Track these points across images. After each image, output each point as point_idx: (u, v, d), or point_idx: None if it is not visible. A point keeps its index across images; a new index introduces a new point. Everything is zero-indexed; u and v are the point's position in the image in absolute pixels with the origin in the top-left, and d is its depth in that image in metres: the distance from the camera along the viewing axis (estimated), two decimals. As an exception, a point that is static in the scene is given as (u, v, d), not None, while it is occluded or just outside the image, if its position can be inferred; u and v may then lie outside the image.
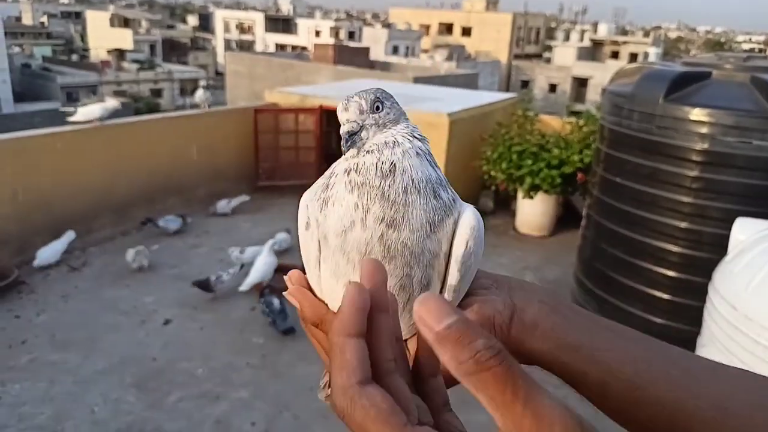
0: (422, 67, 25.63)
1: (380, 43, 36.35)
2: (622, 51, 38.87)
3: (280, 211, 6.77)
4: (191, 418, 3.35)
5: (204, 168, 6.74)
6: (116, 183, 5.88)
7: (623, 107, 3.76)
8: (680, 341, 2.48)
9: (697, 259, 3.49)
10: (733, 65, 3.72)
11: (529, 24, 43.93)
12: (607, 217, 3.98)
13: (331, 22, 49.09)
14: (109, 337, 4.12)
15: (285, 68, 20.25)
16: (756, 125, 3.26)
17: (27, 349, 3.93)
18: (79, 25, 51.92)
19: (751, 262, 2.26)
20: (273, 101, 7.50)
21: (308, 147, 7.34)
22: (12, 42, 37.73)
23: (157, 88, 34.08)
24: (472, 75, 21.86)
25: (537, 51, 44.84)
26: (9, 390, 3.49)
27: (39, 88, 31.01)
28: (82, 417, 3.31)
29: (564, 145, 6.24)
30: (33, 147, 5.26)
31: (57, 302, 4.57)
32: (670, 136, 3.50)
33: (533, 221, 6.52)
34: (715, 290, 2.40)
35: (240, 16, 54.86)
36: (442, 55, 33.34)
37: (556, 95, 36.34)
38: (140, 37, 43.52)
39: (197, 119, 6.70)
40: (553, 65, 38.80)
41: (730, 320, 2.24)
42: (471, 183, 6.96)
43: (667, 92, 3.50)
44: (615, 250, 3.92)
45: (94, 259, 5.35)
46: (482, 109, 7.23)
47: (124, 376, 3.68)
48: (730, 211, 3.16)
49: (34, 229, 5.23)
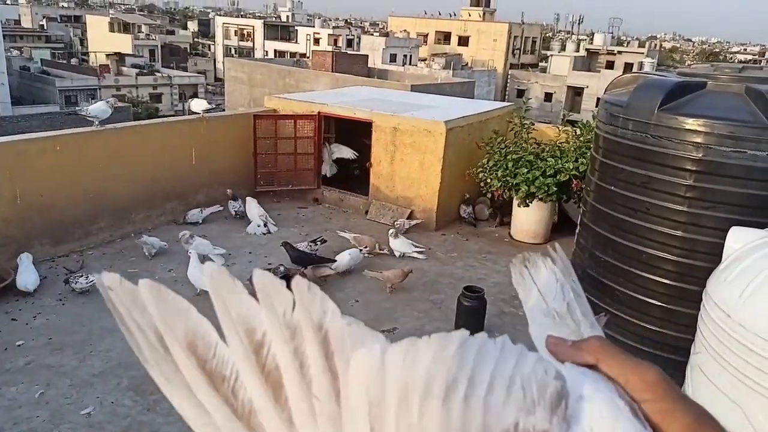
0: (420, 75, 25.77)
1: (378, 51, 36.52)
2: (617, 61, 39.16)
3: (277, 217, 6.79)
4: (188, 421, 3.35)
5: (203, 173, 6.76)
6: (115, 187, 5.89)
7: (619, 116, 3.80)
8: (674, 348, 2.53)
9: (692, 267, 3.52)
10: (728, 76, 3.77)
11: (526, 33, 44.25)
12: (602, 224, 4.02)
13: (329, 29, 49.32)
14: (105, 340, 4.12)
15: (284, 75, 20.33)
16: (751, 135, 3.31)
17: (23, 352, 3.92)
18: (78, 29, 51.97)
19: (745, 271, 2.29)
20: (272, 107, 7.54)
21: (307, 153, 7.37)
22: (11, 45, 37.73)
23: (156, 93, 34.12)
24: (469, 83, 22.00)
25: (533, 60, 45.15)
26: (4, 393, 3.49)
27: (37, 92, 30.98)
28: (78, 420, 3.30)
29: (559, 153, 6.30)
30: (32, 150, 5.27)
31: (54, 305, 4.57)
32: (665, 146, 3.54)
33: (528, 229, 6.56)
34: (709, 298, 2.42)
35: (240, 22, 55.06)
36: (439, 64, 33.54)
37: (552, 104, 36.55)
38: (140, 42, 43.62)
39: (196, 124, 6.72)
40: (548, 74, 39.06)
41: (724, 328, 2.27)
42: (467, 190, 7.00)
43: (663, 102, 3.54)
44: (609, 257, 3.95)
45: (92, 262, 5.35)
46: (479, 118, 7.28)
47: (121, 380, 3.67)
48: (724, 220, 3.19)
49: (33, 231, 5.23)
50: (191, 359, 0.35)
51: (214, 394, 0.35)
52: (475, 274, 5.65)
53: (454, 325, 4.53)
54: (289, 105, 7.52)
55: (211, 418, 0.35)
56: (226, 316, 0.34)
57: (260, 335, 0.34)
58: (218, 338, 0.35)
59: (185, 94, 32.74)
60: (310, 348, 0.33)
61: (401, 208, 6.85)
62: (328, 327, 0.33)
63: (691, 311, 2.98)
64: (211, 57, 53.55)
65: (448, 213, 6.90)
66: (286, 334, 0.33)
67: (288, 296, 0.33)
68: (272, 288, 0.34)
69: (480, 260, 6.02)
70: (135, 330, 0.36)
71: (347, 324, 0.33)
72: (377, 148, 6.95)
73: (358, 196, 7.32)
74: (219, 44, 53.09)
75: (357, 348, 0.32)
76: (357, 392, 0.32)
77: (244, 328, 0.34)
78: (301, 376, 0.33)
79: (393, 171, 6.89)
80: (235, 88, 21.44)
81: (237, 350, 0.34)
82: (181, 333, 0.35)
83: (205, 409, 0.35)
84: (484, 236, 6.67)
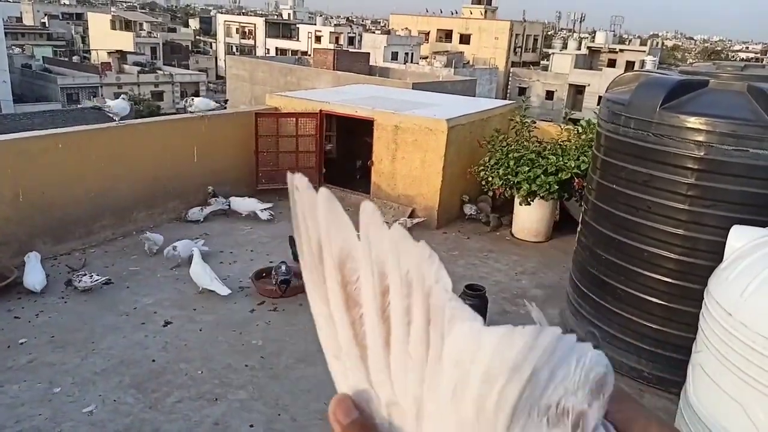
0: (421, 73, 25.75)
1: (380, 49, 36.49)
2: (619, 59, 39.07)
3: (279, 215, 6.79)
4: (190, 419, 3.36)
5: (204, 171, 6.76)
6: (117, 185, 5.90)
7: (621, 115, 3.80)
8: (675, 347, 2.53)
9: (693, 266, 3.52)
10: (730, 74, 3.76)
11: (527, 32, 44.16)
12: (604, 223, 4.02)
13: (331, 27, 49.29)
14: (108, 338, 4.13)
15: (285, 73, 20.32)
16: (752, 134, 3.30)
17: (26, 350, 3.93)
18: (80, 27, 51.99)
19: (746, 269, 2.29)
20: (274, 105, 7.54)
21: (308, 151, 7.37)
22: (12, 43, 37.76)
23: (157, 91, 34.14)
24: (471, 81, 21.98)
25: (534, 58, 45.06)
26: (7, 391, 3.50)
27: (39, 89, 31.01)
28: (80, 418, 3.31)
29: (561, 152, 6.29)
30: (34, 148, 5.27)
31: (56, 303, 4.58)
32: (666, 144, 3.53)
33: (530, 227, 6.55)
34: (710, 296, 2.42)
35: (241, 20, 55.00)
36: (440, 62, 33.52)
37: (553, 102, 36.50)
38: (141, 40, 43.61)
39: (198, 122, 6.73)
40: (550, 73, 39.00)
41: (726, 326, 2.27)
42: (468, 188, 7.00)
43: (665, 100, 3.54)
44: (611, 255, 3.95)
45: (93, 260, 5.36)
46: (480, 116, 7.27)
47: (123, 378, 3.68)
48: (726, 219, 3.19)
49: (35, 230, 5.24)
50: (338, 276, 0.38)
51: (346, 315, 0.38)
52: (476, 272, 5.65)
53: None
54: (291, 103, 7.52)
55: (337, 333, 0.38)
56: (367, 254, 0.37)
57: (389, 281, 0.37)
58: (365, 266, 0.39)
59: (187, 92, 32.75)
60: (416, 311, 0.35)
61: (403, 206, 6.85)
62: (434, 297, 0.35)
63: (692, 310, 2.98)
64: (212, 55, 53.56)
65: (449, 211, 6.90)
66: (404, 291, 0.36)
67: (416, 254, 0.36)
68: (402, 243, 0.36)
69: (481, 259, 6.02)
70: (303, 233, 0.39)
71: (449, 299, 0.35)
72: (379, 147, 6.95)
73: (360, 194, 7.32)
74: (220, 42, 53.07)
75: (453, 323, 0.35)
76: (448, 362, 0.35)
77: (378, 270, 0.37)
78: (405, 334, 0.36)
79: (394, 169, 6.89)
80: (237, 86, 21.46)
81: (367, 288, 0.37)
82: (336, 249, 0.38)
83: (335, 323, 0.38)
84: (486, 235, 6.67)
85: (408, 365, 0.36)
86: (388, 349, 0.36)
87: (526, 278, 5.62)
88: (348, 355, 0.38)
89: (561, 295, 4.92)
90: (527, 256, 6.13)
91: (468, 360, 0.34)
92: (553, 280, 5.57)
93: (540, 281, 5.57)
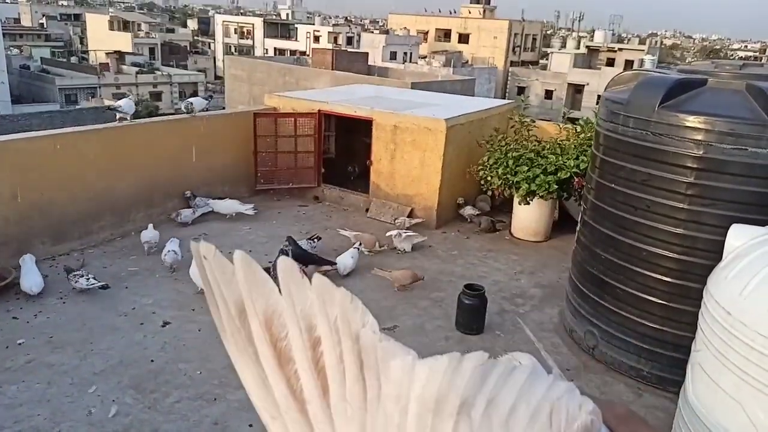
0: (420, 73, 25.74)
1: (378, 49, 36.49)
2: (617, 58, 39.09)
3: (278, 215, 6.79)
4: (189, 419, 3.35)
5: (203, 171, 6.76)
6: (115, 185, 5.89)
7: (619, 114, 3.80)
8: (675, 346, 2.53)
9: (692, 265, 3.52)
10: (728, 73, 3.76)
11: (526, 31, 44.17)
12: (603, 222, 4.01)
13: (329, 27, 49.27)
14: (106, 338, 4.12)
15: (284, 73, 20.31)
16: (751, 132, 3.30)
17: (24, 350, 3.92)
18: (78, 28, 51.93)
19: (745, 268, 2.29)
20: (272, 105, 7.53)
21: (307, 151, 7.36)
22: (10, 43, 37.70)
23: (156, 91, 34.12)
24: (469, 81, 21.97)
25: (533, 58, 45.08)
26: (5, 391, 3.49)
27: (37, 90, 30.97)
28: (79, 418, 3.30)
29: (560, 151, 6.29)
30: (32, 148, 5.26)
31: (55, 303, 4.57)
32: (665, 143, 3.53)
33: (529, 226, 6.55)
34: (709, 295, 2.42)
35: (239, 20, 54.98)
36: (439, 61, 33.49)
37: (552, 101, 36.51)
38: (140, 41, 43.58)
39: (197, 122, 6.72)
40: (549, 72, 39.02)
41: (725, 325, 2.27)
42: (468, 188, 7.00)
43: (663, 99, 3.54)
44: (610, 255, 3.95)
45: (92, 261, 5.35)
46: (479, 115, 7.27)
47: (122, 378, 3.68)
48: (724, 218, 3.18)
49: (33, 230, 5.23)
50: (266, 335, 0.37)
51: (279, 372, 0.37)
52: (475, 272, 5.65)
53: (454, 324, 4.53)
54: (290, 103, 7.51)
55: (271, 392, 0.38)
56: (291, 309, 0.37)
57: (318, 333, 0.37)
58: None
59: (185, 92, 32.74)
60: (348, 357, 0.36)
61: (402, 206, 6.85)
62: (363, 340, 0.36)
63: (691, 309, 2.98)
64: (211, 55, 53.51)
65: (448, 211, 6.89)
66: (335, 338, 0.36)
67: (339, 302, 0.37)
68: (325, 293, 0.37)
69: (480, 258, 6.02)
70: (218, 299, 0.39)
71: (379, 340, 0.36)
72: (377, 146, 6.95)
73: (359, 194, 7.32)
74: (219, 42, 53.04)
75: (388, 361, 0.35)
76: (387, 402, 0.35)
77: (305, 323, 0.37)
78: (342, 380, 0.36)
79: (393, 169, 6.89)
80: (235, 86, 21.44)
81: (297, 343, 0.37)
82: (261, 309, 0.37)
83: (268, 383, 0.38)
84: (485, 234, 6.67)
85: (347, 412, 0.35)
86: (327, 398, 0.36)
87: (525, 278, 5.62)
88: (288, 411, 0.37)
89: (560, 295, 4.92)
90: (526, 256, 6.13)
91: (405, 395, 0.34)
92: (552, 279, 5.57)
93: (539, 281, 5.56)
